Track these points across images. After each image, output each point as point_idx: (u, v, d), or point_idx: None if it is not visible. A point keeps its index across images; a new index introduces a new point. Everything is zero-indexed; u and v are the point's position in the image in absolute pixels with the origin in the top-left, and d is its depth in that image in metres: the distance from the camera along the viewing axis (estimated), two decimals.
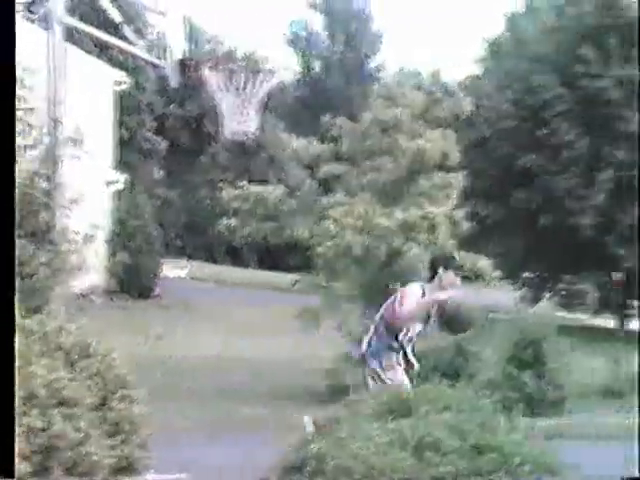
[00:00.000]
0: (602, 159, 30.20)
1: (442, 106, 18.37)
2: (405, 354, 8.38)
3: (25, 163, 11.40)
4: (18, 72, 8.22)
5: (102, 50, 30.96)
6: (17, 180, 7.96)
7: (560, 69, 31.34)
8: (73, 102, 13.48)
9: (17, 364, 5.49)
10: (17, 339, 5.63)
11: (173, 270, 34.05)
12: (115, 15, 14.65)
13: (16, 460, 5.32)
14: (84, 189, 12.79)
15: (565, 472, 5.83)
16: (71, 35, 14.46)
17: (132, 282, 28.26)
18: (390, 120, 17.45)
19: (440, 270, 8.35)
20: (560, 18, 32.90)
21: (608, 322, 33.21)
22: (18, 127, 10.26)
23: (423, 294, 8.27)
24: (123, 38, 15.24)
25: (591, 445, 10.55)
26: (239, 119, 11.17)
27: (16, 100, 7.41)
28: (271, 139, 39.82)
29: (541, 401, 13.96)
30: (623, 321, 32.54)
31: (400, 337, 8.28)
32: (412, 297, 8.22)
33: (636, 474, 7.17)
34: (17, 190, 7.49)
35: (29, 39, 9.77)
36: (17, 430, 5.37)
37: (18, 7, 11.76)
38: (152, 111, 42.69)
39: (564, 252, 31.50)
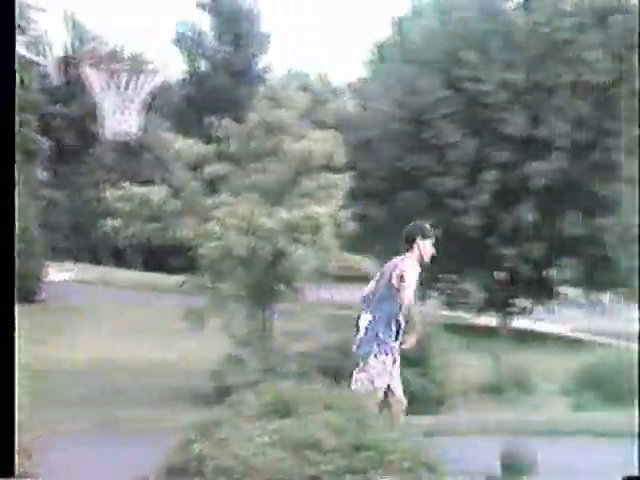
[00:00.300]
0: (485, 160, 30.71)
1: (328, 108, 18.49)
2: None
3: None
4: None
5: None
6: None
7: (445, 72, 31.76)
8: None
9: None
10: None
11: (59, 273, 33.49)
12: None
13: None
14: None
15: (443, 468, 5.93)
16: None
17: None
18: (275, 121, 17.47)
19: (418, 239, 8.42)
20: (445, 22, 33.36)
21: (492, 320, 33.83)
22: None
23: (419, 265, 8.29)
24: None
25: (472, 441, 10.79)
26: (120, 119, 11.01)
27: None
28: (154, 139, 39.37)
29: (424, 399, 14.17)
30: (506, 319, 33.17)
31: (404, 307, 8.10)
32: (412, 274, 8.15)
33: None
34: None
35: None
36: None
37: None
38: (37, 110, 41.88)
39: (449, 251, 31.94)
